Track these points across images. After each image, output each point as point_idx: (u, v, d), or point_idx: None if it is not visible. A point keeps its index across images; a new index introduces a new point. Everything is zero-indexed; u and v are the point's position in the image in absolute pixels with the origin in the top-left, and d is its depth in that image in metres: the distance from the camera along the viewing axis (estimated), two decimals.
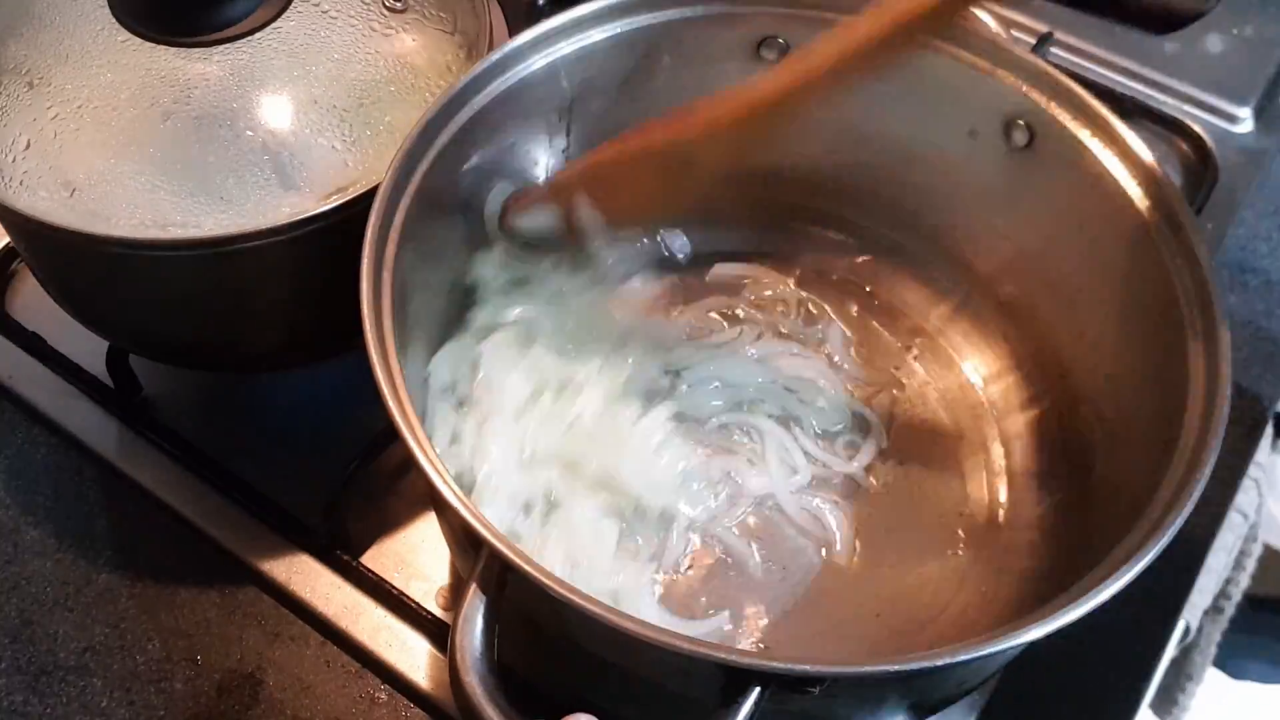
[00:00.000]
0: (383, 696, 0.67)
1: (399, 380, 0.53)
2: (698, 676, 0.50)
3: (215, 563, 0.72)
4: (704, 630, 0.66)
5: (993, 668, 0.60)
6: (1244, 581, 1.04)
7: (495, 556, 0.48)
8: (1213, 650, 1.08)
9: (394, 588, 0.70)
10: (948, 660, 0.48)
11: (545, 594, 0.47)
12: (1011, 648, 0.49)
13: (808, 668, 0.46)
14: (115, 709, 0.67)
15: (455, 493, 0.50)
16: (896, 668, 0.48)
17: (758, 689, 0.47)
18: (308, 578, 0.71)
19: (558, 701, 0.61)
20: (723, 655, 0.46)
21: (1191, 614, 0.99)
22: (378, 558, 0.72)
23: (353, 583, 0.71)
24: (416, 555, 0.72)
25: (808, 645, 0.66)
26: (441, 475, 0.50)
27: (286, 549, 0.71)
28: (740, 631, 0.67)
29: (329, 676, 0.68)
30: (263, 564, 0.71)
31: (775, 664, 0.46)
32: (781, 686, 0.47)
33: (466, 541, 0.54)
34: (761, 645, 0.66)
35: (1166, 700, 1.16)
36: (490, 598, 0.49)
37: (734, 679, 0.47)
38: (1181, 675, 1.12)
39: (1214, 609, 1.03)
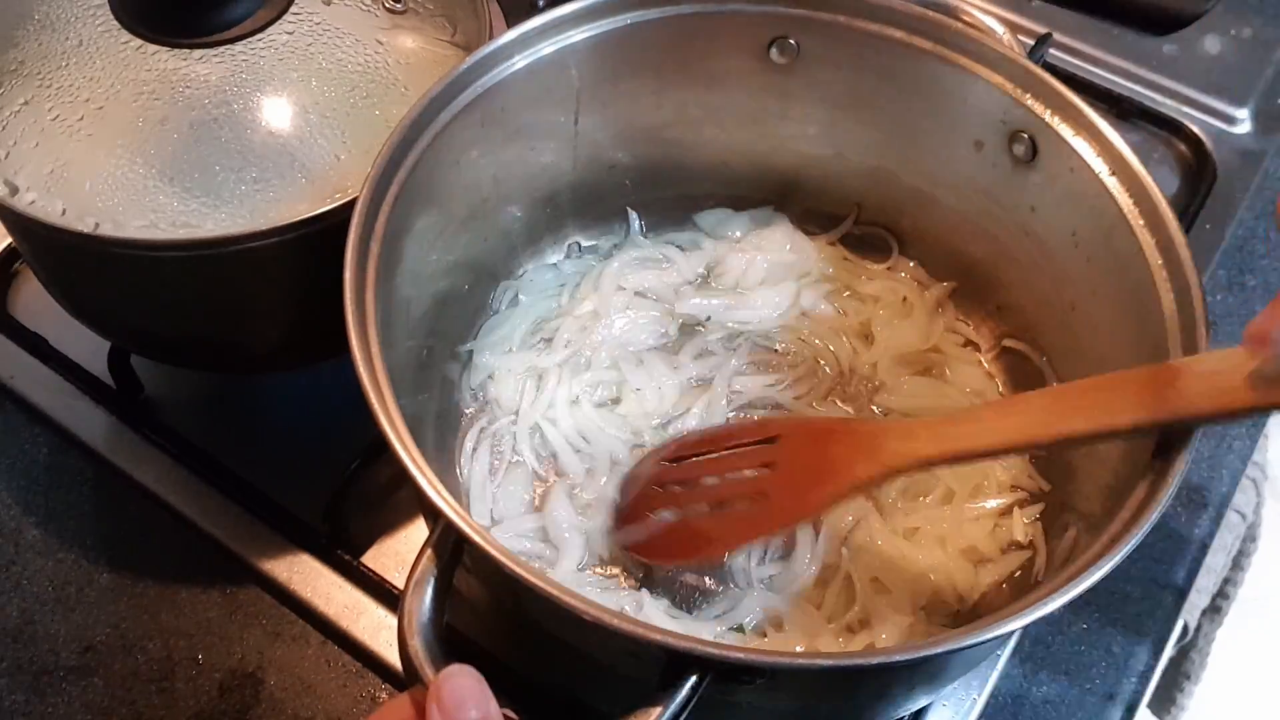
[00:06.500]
0: (383, 696, 0.67)
1: (384, 383, 0.54)
2: (642, 658, 0.50)
3: (216, 562, 0.72)
4: None
5: (941, 673, 0.60)
6: (1242, 581, 1.04)
7: (451, 527, 0.49)
8: (1210, 650, 1.08)
9: (395, 587, 0.70)
10: (881, 661, 0.49)
11: (496, 567, 0.48)
12: (940, 654, 0.49)
13: (742, 656, 0.47)
14: (117, 708, 0.67)
15: (421, 468, 0.50)
16: (831, 664, 0.50)
17: (695, 675, 0.47)
18: (309, 577, 0.71)
19: (518, 676, 0.63)
20: (659, 638, 0.47)
21: (1190, 614, 0.99)
22: (378, 557, 0.72)
23: (354, 582, 0.71)
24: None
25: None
26: (408, 449, 0.51)
27: (287, 549, 0.72)
28: None
29: (330, 676, 0.68)
30: (264, 564, 0.71)
31: (712, 651, 0.47)
32: (720, 675, 0.47)
33: (426, 511, 0.55)
34: None
35: (1165, 700, 1.16)
36: (442, 566, 0.50)
37: (673, 663, 0.47)
38: (1180, 675, 1.12)
39: (1212, 609, 1.03)
